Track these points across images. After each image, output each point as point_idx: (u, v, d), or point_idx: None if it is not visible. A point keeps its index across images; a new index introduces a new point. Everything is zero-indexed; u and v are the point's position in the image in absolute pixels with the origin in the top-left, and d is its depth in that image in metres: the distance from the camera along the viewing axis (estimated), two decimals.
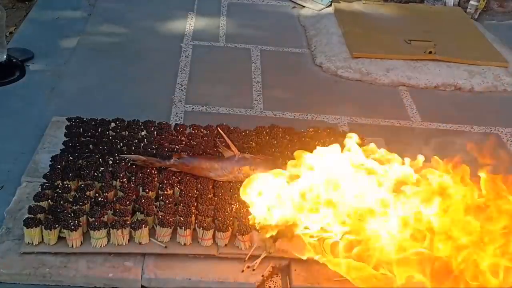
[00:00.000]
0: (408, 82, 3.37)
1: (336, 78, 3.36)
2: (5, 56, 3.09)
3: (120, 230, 2.01)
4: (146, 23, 3.75)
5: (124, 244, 2.04)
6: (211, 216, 2.11)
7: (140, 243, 2.05)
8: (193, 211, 2.12)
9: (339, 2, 4.16)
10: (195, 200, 2.18)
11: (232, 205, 2.17)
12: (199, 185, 2.26)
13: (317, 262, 1.97)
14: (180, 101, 3.01)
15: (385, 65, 3.45)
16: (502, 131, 3.02)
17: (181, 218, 2.07)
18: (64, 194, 2.15)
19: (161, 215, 2.08)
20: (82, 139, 2.47)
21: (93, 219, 2.04)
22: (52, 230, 1.99)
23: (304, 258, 1.97)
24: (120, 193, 2.19)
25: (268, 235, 1.97)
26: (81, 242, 2.03)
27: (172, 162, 2.34)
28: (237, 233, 2.06)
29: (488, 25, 4.17)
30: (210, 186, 2.27)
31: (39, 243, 2.01)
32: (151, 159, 2.35)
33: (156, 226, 2.07)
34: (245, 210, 2.12)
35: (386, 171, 2.03)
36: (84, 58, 3.32)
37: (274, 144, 2.54)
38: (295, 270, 2.04)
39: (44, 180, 2.22)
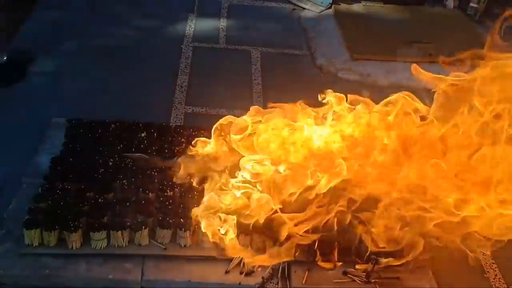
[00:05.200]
0: (408, 84, 3.36)
1: (336, 79, 3.36)
2: (5, 58, 3.09)
3: (120, 232, 2.01)
4: (147, 25, 3.75)
5: (124, 245, 2.03)
6: None
7: (140, 245, 2.05)
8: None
9: (339, 4, 4.17)
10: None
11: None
12: (200, 186, 2.26)
13: (316, 264, 1.99)
14: (180, 102, 3.01)
15: (385, 67, 3.45)
16: None
17: (181, 219, 2.07)
18: (64, 196, 2.14)
19: (161, 217, 2.08)
20: (82, 140, 2.46)
21: (92, 220, 2.04)
22: (52, 231, 1.99)
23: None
24: (120, 195, 2.18)
25: None
26: (81, 243, 2.03)
27: (173, 162, 2.34)
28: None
29: (488, 27, 4.17)
30: None
31: (39, 244, 2.01)
32: (153, 159, 2.35)
33: (156, 227, 2.07)
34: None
35: None
36: (84, 59, 3.32)
37: None
38: (295, 271, 2.04)
39: (44, 182, 2.21)
